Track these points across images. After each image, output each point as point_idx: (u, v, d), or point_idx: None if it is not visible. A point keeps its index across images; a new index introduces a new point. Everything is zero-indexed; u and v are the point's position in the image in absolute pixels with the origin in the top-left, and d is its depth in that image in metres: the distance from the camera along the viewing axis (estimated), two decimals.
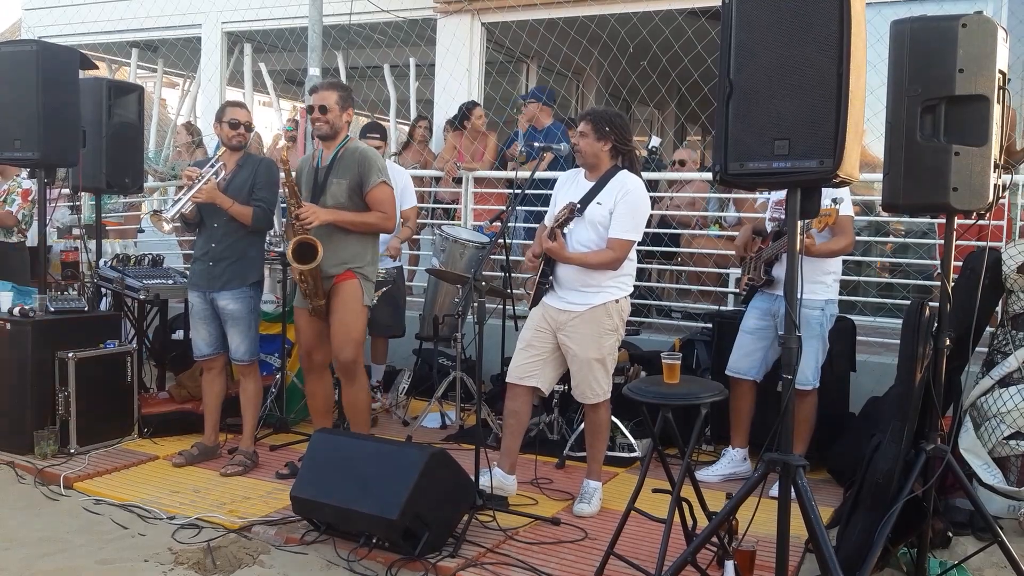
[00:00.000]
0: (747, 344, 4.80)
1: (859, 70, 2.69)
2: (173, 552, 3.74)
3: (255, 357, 4.92)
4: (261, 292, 4.98)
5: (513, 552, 3.77)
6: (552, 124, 7.58)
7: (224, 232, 4.77)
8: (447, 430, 5.75)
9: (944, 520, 3.88)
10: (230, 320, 4.81)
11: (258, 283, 4.90)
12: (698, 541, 3.10)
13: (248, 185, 4.75)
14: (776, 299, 4.63)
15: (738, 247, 5.06)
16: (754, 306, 4.82)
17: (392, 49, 9.54)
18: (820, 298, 4.54)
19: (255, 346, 4.91)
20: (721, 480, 4.74)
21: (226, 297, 4.78)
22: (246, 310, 4.81)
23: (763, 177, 2.81)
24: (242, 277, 4.79)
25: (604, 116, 4.26)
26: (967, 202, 3.13)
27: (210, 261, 4.80)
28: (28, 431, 4.90)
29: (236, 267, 4.78)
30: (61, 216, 7.46)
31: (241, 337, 4.83)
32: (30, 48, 5.01)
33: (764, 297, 4.77)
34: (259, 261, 4.89)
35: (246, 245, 4.80)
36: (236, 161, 4.83)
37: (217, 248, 4.79)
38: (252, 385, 4.94)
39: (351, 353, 4.56)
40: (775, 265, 4.65)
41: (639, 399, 3.45)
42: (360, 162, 4.52)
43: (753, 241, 4.95)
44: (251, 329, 4.85)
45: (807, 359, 4.48)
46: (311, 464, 3.95)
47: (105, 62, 11.81)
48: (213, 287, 4.79)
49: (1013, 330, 4.32)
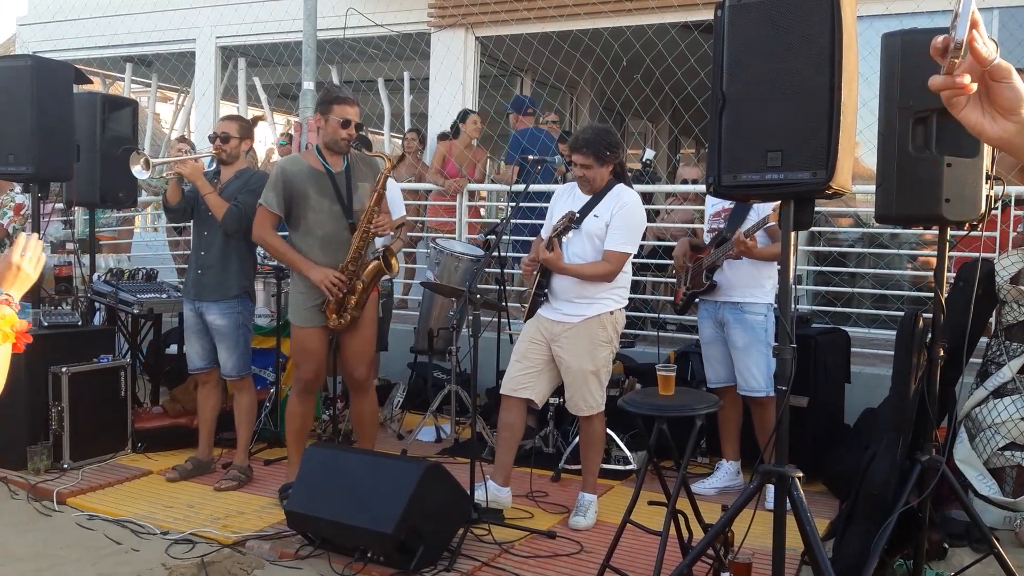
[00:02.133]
0: (711, 355, 4.85)
1: (851, 82, 2.70)
2: (167, 567, 3.72)
3: (245, 372, 4.88)
4: (251, 306, 4.93)
5: (509, 566, 3.76)
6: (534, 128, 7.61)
7: (211, 240, 4.77)
8: (442, 444, 5.74)
9: (940, 531, 3.87)
10: (218, 336, 4.79)
11: (244, 296, 4.84)
12: (694, 553, 3.09)
13: (236, 192, 4.72)
14: (720, 306, 4.72)
15: (677, 258, 5.07)
16: (703, 317, 4.86)
17: (386, 63, 9.57)
18: (762, 302, 4.60)
19: (244, 361, 4.86)
20: (716, 493, 4.73)
21: (213, 311, 4.75)
22: (233, 326, 4.77)
23: (756, 189, 2.82)
24: (225, 288, 4.73)
25: (598, 141, 4.21)
26: (959, 213, 3.15)
27: (198, 269, 4.80)
28: (21, 446, 4.88)
29: (220, 276, 4.74)
30: (55, 231, 7.45)
31: (229, 353, 4.79)
32: (25, 63, 5.02)
33: (708, 305, 4.81)
34: (243, 273, 4.81)
35: (230, 253, 4.75)
36: (234, 172, 4.83)
37: (205, 256, 4.79)
38: (246, 399, 4.92)
39: (367, 369, 4.59)
40: (716, 272, 4.70)
41: (634, 411, 3.45)
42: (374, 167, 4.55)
43: (690, 253, 4.97)
44: (239, 344, 4.81)
45: (758, 365, 4.53)
46: (306, 478, 3.94)
47: (99, 77, 11.83)
48: (201, 296, 4.77)
49: (1007, 341, 4.33)
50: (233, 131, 4.80)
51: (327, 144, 4.45)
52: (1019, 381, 4.23)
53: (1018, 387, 4.23)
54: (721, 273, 4.69)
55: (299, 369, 4.57)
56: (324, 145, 4.46)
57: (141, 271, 6.05)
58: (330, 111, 4.39)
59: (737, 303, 4.64)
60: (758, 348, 4.55)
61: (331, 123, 4.39)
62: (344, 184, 4.45)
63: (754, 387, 4.58)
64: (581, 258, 4.20)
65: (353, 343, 4.52)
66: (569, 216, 4.16)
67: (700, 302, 4.84)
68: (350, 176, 4.47)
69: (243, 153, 4.90)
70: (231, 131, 4.80)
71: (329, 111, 4.39)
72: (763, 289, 4.62)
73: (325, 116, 4.40)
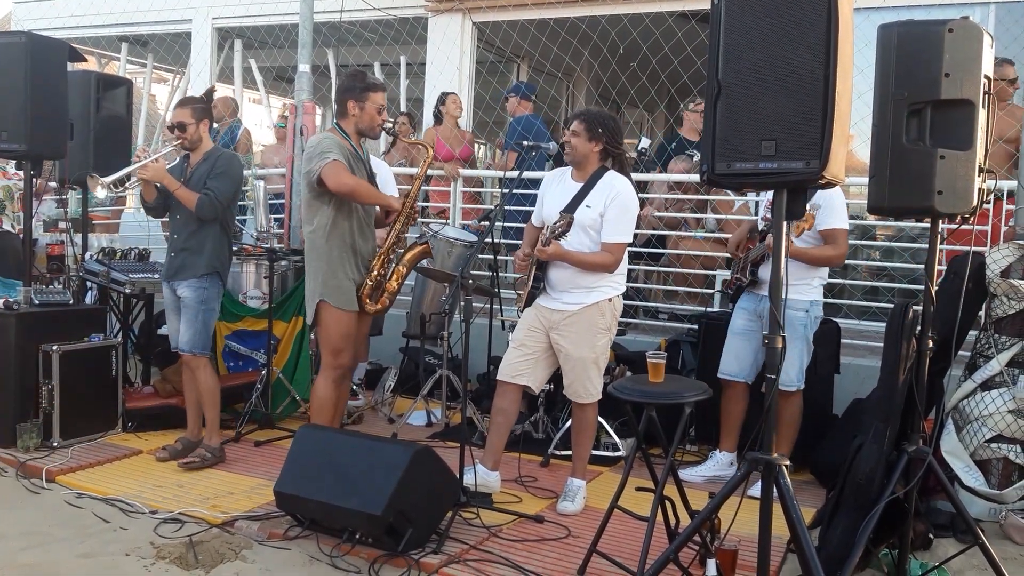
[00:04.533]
0: (736, 346, 4.81)
1: (846, 72, 2.70)
2: (155, 546, 3.73)
3: (199, 351, 4.77)
4: (219, 286, 4.85)
5: (496, 549, 3.78)
6: (530, 115, 7.61)
7: (184, 222, 4.76)
8: (432, 428, 5.75)
9: (925, 522, 3.90)
10: (182, 307, 4.77)
11: (214, 276, 4.78)
12: (680, 539, 3.11)
13: (206, 176, 4.69)
14: (762, 299, 4.64)
15: (731, 245, 5.08)
16: (741, 307, 4.83)
17: (383, 47, 9.54)
18: (805, 299, 4.56)
19: (201, 338, 4.77)
20: (705, 481, 4.74)
21: (182, 287, 4.75)
22: (197, 300, 4.73)
23: (750, 178, 2.82)
24: (195, 267, 4.72)
25: (598, 117, 4.28)
26: (952, 206, 3.15)
27: (172, 252, 4.80)
28: (10, 424, 4.87)
29: (192, 257, 4.73)
30: (47, 209, 7.43)
31: (187, 326, 4.74)
32: (19, 40, 4.98)
33: (750, 297, 4.79)
34: (215, 255, 4.76)
35: (204, 237, 4.73)
36: (202, 154, 4.79)
37: (179, 239, 4.78)
38: (203, 378, 4.82)
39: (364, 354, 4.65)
40: (761, 265, 4.67)
41: (624, 398, 3.46)
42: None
43: (749, 240, 4.96)
44: (198, 319, 4.73)
45: (791, 360, 4.49)
46: (295, 460, 3.94)
47: (95, 56, 11.76)
48: (174, 277, 4.77)
49: (996, 334, 4.36)
50: (187, 117, 4.73)
51: (362, 130, 4.47)
52: (1007, 374, 4.26)
53: (1006, 380, 4.25)
54: (765, 267, 4.61)
55: (340, 356, 4.49)
56: (358, 130, 4.47)
57: (133, 251, 6.02)
58: (366, 98, 4.40)
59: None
60: (795, 344, 4.45)
61: (368, 110, 4.41)
62: (369, 169, 4.56)
63: (785, 381, 4.51)
64: (575, 249, 4.19)
65: (363, 327, 4.59)
66: (567, 221, 4.08)
67: (745, 293, 4.81)
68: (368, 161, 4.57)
69: (206, 134, 4.82)
70: (185, 118, 4.72)
71: (365, 98, 4.40)
72: (808, 286, 4.57)
73: (360, 103, 4.40)
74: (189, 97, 5.09)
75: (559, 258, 4.15)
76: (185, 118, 4.73)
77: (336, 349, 4.48)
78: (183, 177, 4.75)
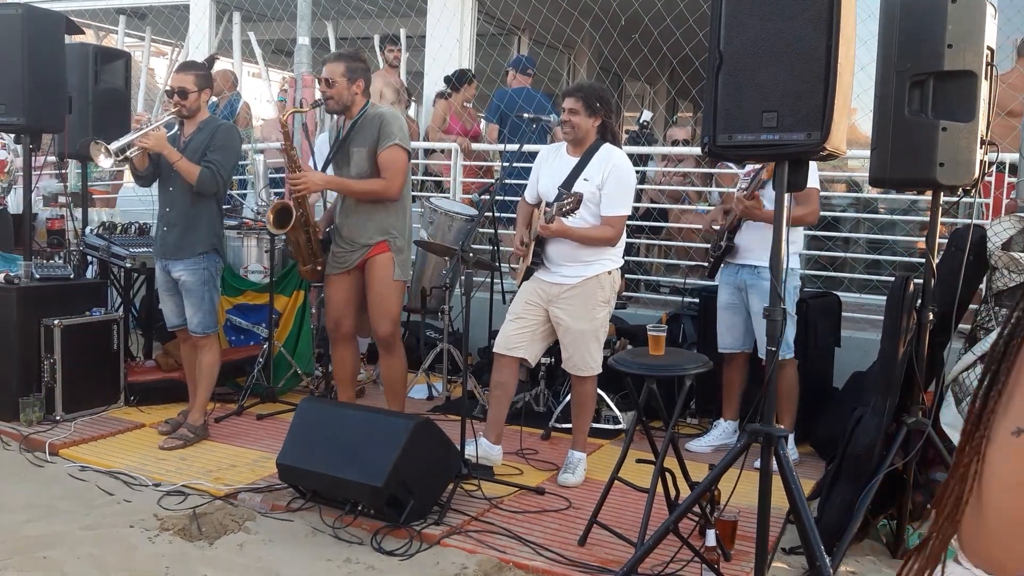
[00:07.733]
0: (726, 319, 4.83)
1: (848, 44, 2.69)
2: (159, 518, 3.76)
3: (211, 330, 4.79)
4: (218, 261, 4.82)
5: (497, 520, 3.81)
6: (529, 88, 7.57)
7: (177, 196, 4.66)
8: (434, 401, 5.77)
9: (924, 493, 3.92)
10: (184, 292, 4.72)
11: (212, 253, 4.74)
12: (680, 510, 3.13)
13: (203, 148, 4.60)
14: (739, 270, 4.68)
15: (706, 222, 5.06)
16: (723, 281, 4.84)
17: (383, 19, 9.46)
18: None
19: (210, 318, 4.78)
20: (712, 451, 4.77)
21: (179, 268, 4.68)
22: (199, 281, 4.69)
23: (751, 149, 2.82)
24: (192, 246, 4.65)
25: (594, 92, 4.26)
26: (953, 177, 3.15)
27: (164, 226, 4.73)
28: (13, 398, 4.89)
29: (187, 235, 4.65)
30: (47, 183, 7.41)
31: (195, 309, 4.71)
32: (15, 11, 4.95)
33: (729, 269, 4.79)
34: (211, 230, 4.71)
35: (197, 212, 4.65)
36: (197, 124, 4.68)
37: (171, 213, 4.70)
38: (207, 357, 4.81)
39: (389, 327, 4.59)
40: (737, 232, 4.67)
41: (624, 370, 3.47)
42: (378, 125, 4.47)
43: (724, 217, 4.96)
44: (205, 301, 4.72)
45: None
46: (297, 432, 3.96)
47: (92, 29, 11.67)
48: (167, 255, 4.71)
49: (996, 307, 4.35)
50: (190, 84, 4.60)
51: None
52: None
53: None
54: (740, 235, 4.64)
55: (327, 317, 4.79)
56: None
57: (134, 225, 6.02)
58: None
59: (755, 267, 4.56)
60: None
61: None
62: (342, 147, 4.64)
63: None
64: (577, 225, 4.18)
65: (369, 301, 4.61)
66: (577, 198, 4.05)
67: (723, 266, 4.82)
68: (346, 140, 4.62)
69: (205, 104, 4.72)
70: (187, 84, 4.59)
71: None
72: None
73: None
74: (191, 62, 4.96)
75: (562, 235, 4.14)
76: (187, 84, 4.60)
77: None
78: (176, 147, 4.60)
